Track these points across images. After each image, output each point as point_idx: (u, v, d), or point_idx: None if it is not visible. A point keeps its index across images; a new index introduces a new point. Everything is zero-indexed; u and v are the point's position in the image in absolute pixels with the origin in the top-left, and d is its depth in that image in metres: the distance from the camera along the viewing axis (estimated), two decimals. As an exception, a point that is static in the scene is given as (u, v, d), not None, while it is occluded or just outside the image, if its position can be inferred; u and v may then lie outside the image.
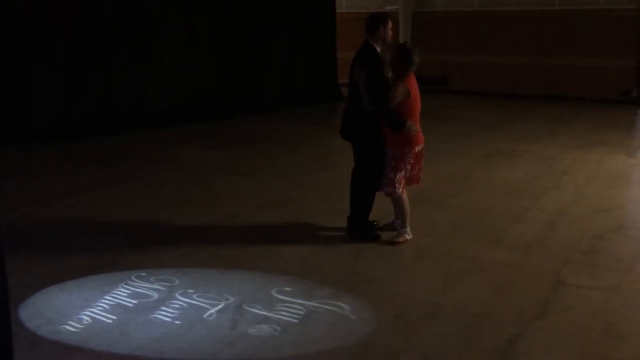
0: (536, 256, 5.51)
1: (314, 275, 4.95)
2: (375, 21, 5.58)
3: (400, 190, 5.65)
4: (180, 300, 4.48)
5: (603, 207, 6.99)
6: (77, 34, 10.87)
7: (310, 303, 4.44)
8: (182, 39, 12.92)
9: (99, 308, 4.34)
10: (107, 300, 4.46)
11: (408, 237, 5.77)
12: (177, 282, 4.77)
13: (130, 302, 4.43)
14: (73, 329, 4.03)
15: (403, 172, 5.62)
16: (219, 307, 4.37)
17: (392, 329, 4.15)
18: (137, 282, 4.77)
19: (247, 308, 4.36)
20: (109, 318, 4.19)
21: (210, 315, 4.25)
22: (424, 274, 5.10)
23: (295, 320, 4.19)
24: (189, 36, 13.06)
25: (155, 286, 4.70)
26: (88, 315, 4.22)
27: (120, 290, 4.62)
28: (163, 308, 4.35)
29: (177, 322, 4.15)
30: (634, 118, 14.64)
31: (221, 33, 13.64)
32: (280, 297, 4.55)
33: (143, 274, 4.91)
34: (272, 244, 5.70)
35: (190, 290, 4.62)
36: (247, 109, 13.91)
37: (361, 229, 5.86)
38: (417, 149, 5.66)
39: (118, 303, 4.42)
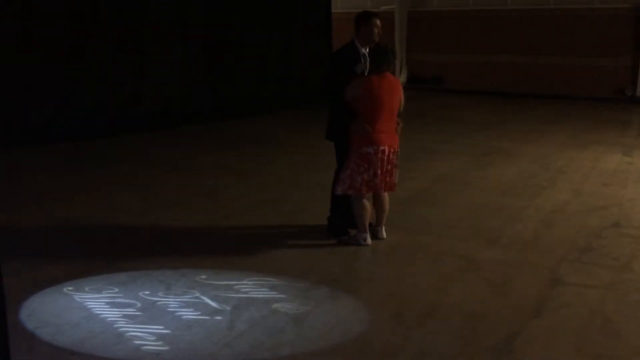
0: (532, 254, 5.52)
1: (310, 276, 4.95)
2: (356, 20, 5.64)
3: (341, 191, 5.50)
4: (177, 301, 4.47)
5: (599, 205, 7.01)
6: (72, 34, 10.85)
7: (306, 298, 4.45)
8: (176, 40, 12.90)
9: (96, 310, 4.33)
10: (104, 302, 4.44)
11: (363, 242, 5.56)
12: (173, 283, 4.77)
13: (126, 304, 4.41)
14: (70, 332, 4.02)
15: (348, 172, 5.43)
16: (216, 308, 4.37)
17: (388, 328, 4.15)
18: (133, 283, 4.75)
19: (243, 308, 4.35)
20: (105, 320, 4.18)
21: (207, 316, 4.25)
22: (420, 272, 5.10)
23: (293, 317, 4.19)
24: (183, 36, 13.05)
25: (152, 287, 4.69)
26: (85, 317, 4.21)
27: (116, 292, 4.61)
28: (160, 309, 4.34)
29: (174, 323, 4.14)
30: (629, 117, 14.68)
31: (216, 34, 13.62)
32: (276, 295, 4.56)
33: (141, 275, 4.90)
34: (267, 245, 5.69)
35: (187, 291, 4.62)
36: (243, 110, 13.90)
37: (333, 225, 5.86)
38: (365, 150, 5.37)
39: (114, 305, 4.41)
